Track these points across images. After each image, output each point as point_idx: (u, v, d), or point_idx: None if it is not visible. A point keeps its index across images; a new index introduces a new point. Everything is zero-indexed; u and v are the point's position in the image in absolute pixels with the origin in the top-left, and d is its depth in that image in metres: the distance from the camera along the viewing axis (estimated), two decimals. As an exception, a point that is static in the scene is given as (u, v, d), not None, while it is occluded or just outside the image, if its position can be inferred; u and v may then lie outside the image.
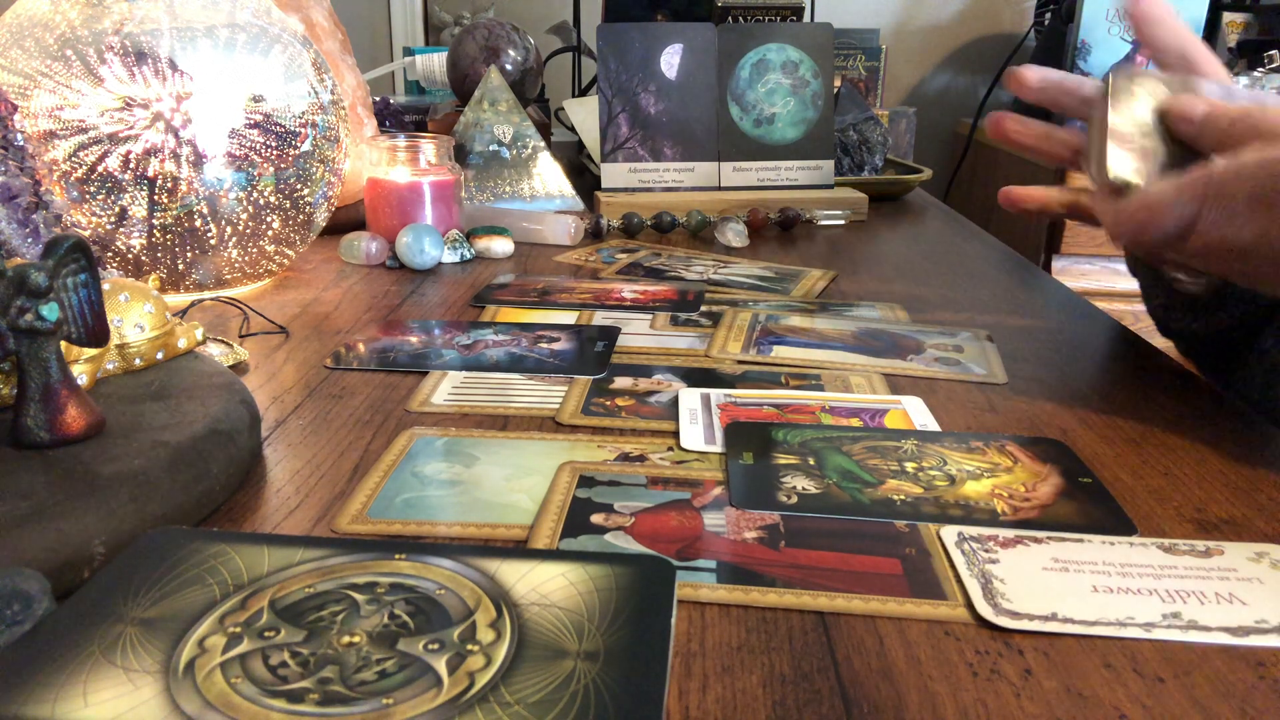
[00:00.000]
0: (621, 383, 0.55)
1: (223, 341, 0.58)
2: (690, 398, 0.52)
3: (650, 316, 0.67)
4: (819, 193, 1.01)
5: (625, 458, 0.45)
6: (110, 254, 0.65)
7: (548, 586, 0.32)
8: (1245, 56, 1.79)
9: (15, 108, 0.56)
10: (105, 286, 0.47)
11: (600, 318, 0.67)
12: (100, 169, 0.62)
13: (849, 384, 0.55)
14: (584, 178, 1.21)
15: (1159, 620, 0.33)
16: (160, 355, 0.49)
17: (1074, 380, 0.57)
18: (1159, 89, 0.50)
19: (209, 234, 0.66)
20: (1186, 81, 0.50)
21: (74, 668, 0.28)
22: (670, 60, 0.99)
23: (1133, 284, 0.67)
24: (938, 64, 2.24)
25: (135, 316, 0.48)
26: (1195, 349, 0.65)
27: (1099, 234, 1.00)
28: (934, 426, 0.50)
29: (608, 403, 0.52)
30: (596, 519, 0.40)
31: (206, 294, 0.70)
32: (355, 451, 0.46)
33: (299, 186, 0.70)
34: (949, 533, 0.39)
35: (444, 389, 0.54)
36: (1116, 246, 0.55)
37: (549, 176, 1.02)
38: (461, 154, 1.00)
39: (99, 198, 0.63)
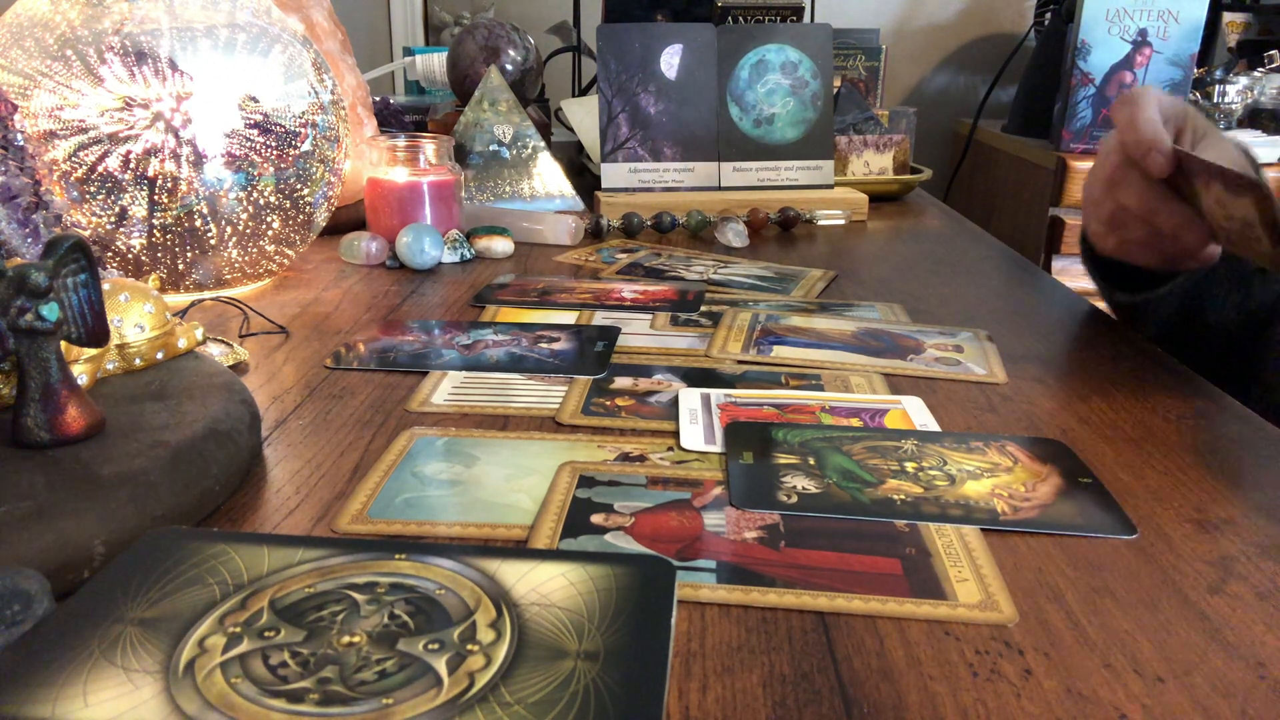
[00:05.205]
0: (621, 383, 0.55)
1: (223, 341, 0.58)
2: (690, 398, 0.52)
3: (650, 316, 0.67)
4: (819, 193, 1.01)
5: (625, 458, 0.45)
6: (110, 254, 0.65)
7: (548, 586, 0.32)
8: (1245, 56, 1.79)
9: (15, 108, 0.56)
10: (105, 286, 0.47)
11: (600, 318, 0.67)
12: (100, 169, 0.62)
13: (849, 384, 0.55)
14: (584, 178, 1.21)
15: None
16: (160, 355, 0.49)
17: (1074, 380, 0.57)
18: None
19: (209, 234, 0.66)
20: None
21: (74, 668, 0.28)
22: (670, 60, 0.99)
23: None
24: (938, 64, 2.24)
25: (135, 316, 0.48)
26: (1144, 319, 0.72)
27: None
28: (934, 426, 0.50)
29: (608, 403, 0.52)
30: (596, 519, 0.39)
31: (206, 294, 0.70)
32: (355, 451, 0.46)
33: (299, 186, 0.70)
34: (949, 532, 0.39)
35: (444, 389, 0.54)
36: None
37: (549, 176, 1.02)
38: (461, 154, 1.00)
39: (99, 198, 0.63)
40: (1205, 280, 0.66)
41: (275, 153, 0.67)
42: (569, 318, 0.67)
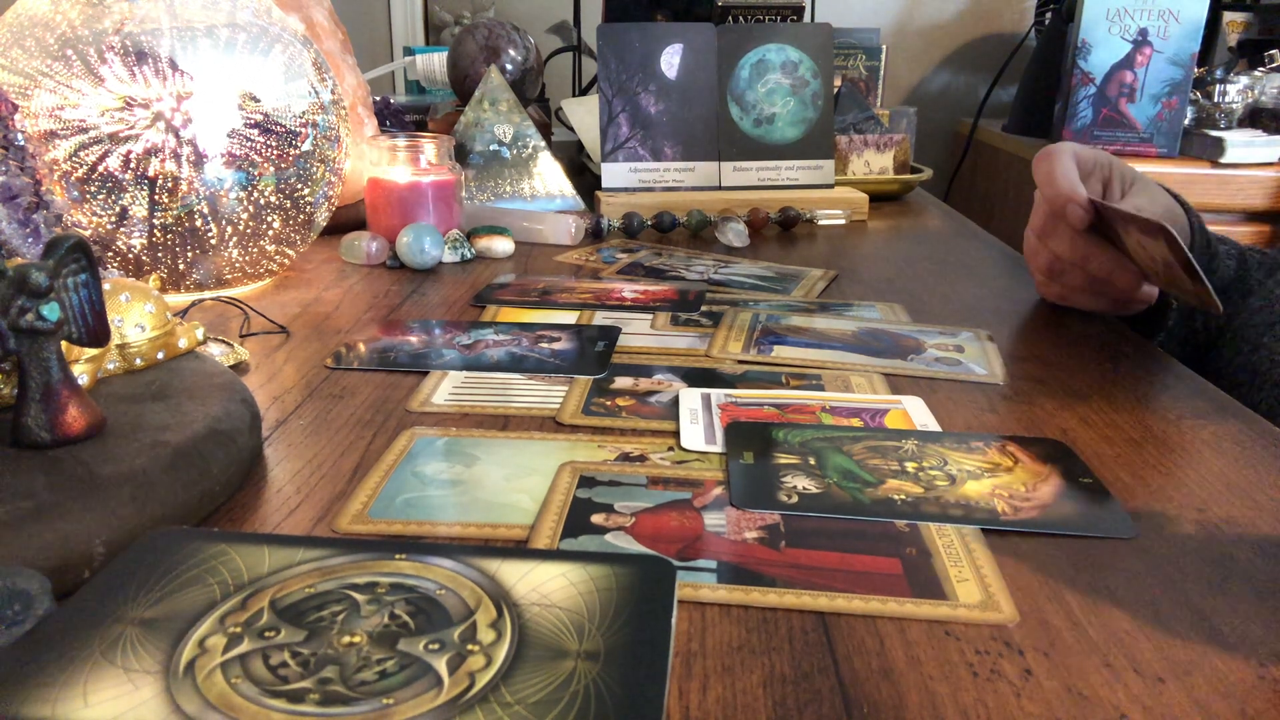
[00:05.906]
0: (622, 383, 0.55)
1: (223, 341, 0.58)
2: (691, 398, 0.52)
3: (651, 316, 0.67)
4: (819, 192, 1.01)
5: (625, 458, 0.45)
6: (111, 254, 0.65)
7: (548, 586, 0.32)
8: (1246, 56, 1.79)
9: (16, 107, 0.56)
10: (106, 286, 0.47)
11: (601, 318, 0.67)
12: (101, 169, 0.62)
13: (849, 384, 0.55)
14: (584, 177, 1.21)
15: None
16: (161, 355, 0.49)
17: (1074, 380, 0.57)
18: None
19: (209, 234, 0.66)
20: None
21: (74, 668, 0.28)
22: (670, 60, 0.99)
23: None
24: (938, 64, 2.24)
25: (136, 316, 0.48)
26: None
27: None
28: (934, 426, 0.50)
29: (608, 403, 0.52)
30: (597, 519, 0.40)
31: (207, 294, 0.70)
32: (355, 451, 0.46)
33: (299, 186, 0.70)
34: (949, 532, 0.39)
35: (444, 389, 0.54)
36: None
37: (549, 176, 1.02)
38: (462, 154, 1.00)
39: (99, 198, 0.63)
40: (1170, 333, 0.70)
41: (275, 152, 0.67)
42: (569, 318, 0.67)
